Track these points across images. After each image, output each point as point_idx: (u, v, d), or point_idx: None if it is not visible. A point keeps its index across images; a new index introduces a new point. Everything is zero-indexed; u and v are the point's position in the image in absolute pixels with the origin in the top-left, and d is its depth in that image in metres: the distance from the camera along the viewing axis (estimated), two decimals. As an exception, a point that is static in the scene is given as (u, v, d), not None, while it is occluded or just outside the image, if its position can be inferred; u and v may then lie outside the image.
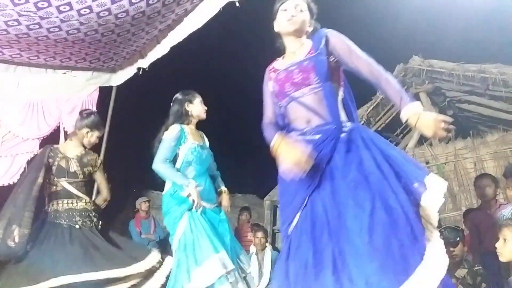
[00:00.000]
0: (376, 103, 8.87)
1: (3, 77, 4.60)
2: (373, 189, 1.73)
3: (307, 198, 1.88)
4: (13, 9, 3.31)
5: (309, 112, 2.00)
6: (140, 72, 4.92)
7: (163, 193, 3.13)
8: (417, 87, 8.57)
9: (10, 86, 4.66)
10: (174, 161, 3.13)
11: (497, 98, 7.94)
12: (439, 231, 3.10)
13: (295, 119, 2.05)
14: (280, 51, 2.24)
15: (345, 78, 2.17)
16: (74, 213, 3.17)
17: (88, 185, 3.38)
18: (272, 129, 2.10)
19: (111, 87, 5.29)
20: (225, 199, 3.30)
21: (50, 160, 3.22)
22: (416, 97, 8.64)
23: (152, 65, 4.78)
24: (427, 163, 7.33)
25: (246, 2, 3.55)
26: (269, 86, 2.18)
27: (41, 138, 4.89)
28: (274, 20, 2.19)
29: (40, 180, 3.09)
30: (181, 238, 2.90)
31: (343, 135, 1.93)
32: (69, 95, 5.04)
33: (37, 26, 3.61)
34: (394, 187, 1.72)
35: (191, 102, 3.29)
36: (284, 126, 2.11)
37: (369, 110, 8.89)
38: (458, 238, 3.08)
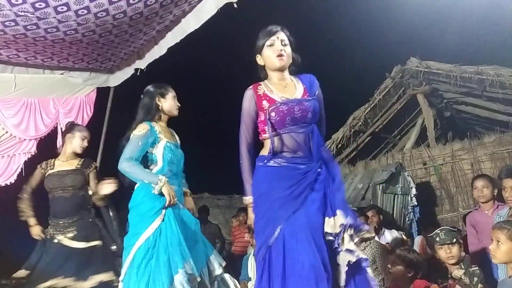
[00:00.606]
0: (373, 104, 8.89)
1: (0, 77, 4.59)
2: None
3: (291, 214, 2.16)
4: (10, 10, 3.30)
5: (298, 145, 2.28)
6: (138, 73, 4.91)
7: (136, 187, 2.90)
8: (415, 89, 8.58)
9: (7, 87, 4.65)
10: (150, 162, 2.96)
11: (494, 100, 7.96)
12: (436, 232, 3.13)
13: (284, 148, 2.30)
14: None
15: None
16: None
17: None
18: (248, 171, 2.36)
19: (108, 88, 5.29)
20: (189, 201, 3.13)
21: None
22: (414, 98, 8.67)
23: (150, 66, 4.77)
24: (425, 164, 7.35)
25: (244, 3, 3.56)
26: (259, 110, 2.35)
27: (38, 139, 4.89)
28: (258, 54, 2.41)
29: None
30: (149, 239, 2.71)
31: (319, 169, 2.26)
32: (67, 96, 5.04)
33: (34, 27, 3.60)
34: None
35: (163, 96, 3.06)
36: (270, 152, 2.32)
37: (366, 111, 8.91)
38: (454, 239, 3.09)
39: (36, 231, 3.45)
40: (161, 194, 2.75)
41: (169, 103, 3.07)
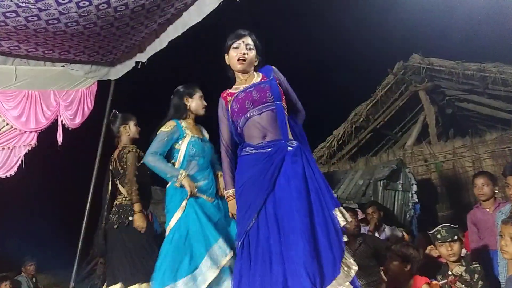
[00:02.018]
0: (375, 100, 8.86)
1: (1, 69, 4.57)
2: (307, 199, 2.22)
3: (264, 201, 2.27)
4: (11, 1, 3.28)
5: (264, 129, 2.40)
6: (139, 66, 4.90)
7: (167, 186, 3.13)
8: (417, 85, 8.56)
9: (8, 79, 4.64)
10: (172, 156, 3.14)
11: (496, 97, 7.94)
12: (437, 229, 3.12)
13: (251, 137, 2.44)
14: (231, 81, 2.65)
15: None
16: (119, 209, 3.57)
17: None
18: (227, 168, 2.59)
19: (109, 80, 5.28)
20: (222, 181, 3.22)
21: (110, 167, 3.72)
22: (416, 95, 8.64)
23: (151, 59, 4.76)
24: (426, 161, 7.33)
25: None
26: (227, 109, 2.55)
27: (39, 131, 4.88)
28: (226, 54, 2.60)
29: (109, 188, 3.67)
30: (171, 231, 2.93)
31: (290, 148, 2.36)
32: (68, 89, 5.02)
33: (35, 18, 3.58)
34: (322, 202, 2.24)
35: (190, 96, 3.29)
36: (241, 143, 2.52)
37: (368, 107, 8.89)
38: (455, 237, 3.07)
39: None
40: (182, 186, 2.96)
41: (196, 102, 3.29)
